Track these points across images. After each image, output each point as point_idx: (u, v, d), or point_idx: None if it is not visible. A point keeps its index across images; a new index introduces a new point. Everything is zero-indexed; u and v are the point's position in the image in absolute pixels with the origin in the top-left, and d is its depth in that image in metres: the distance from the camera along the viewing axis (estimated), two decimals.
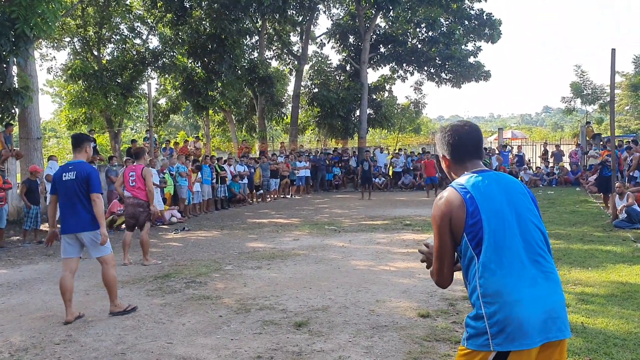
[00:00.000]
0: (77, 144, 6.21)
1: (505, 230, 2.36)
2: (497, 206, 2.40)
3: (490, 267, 2.31)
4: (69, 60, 23.92)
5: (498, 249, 2.32)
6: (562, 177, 23.67)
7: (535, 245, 2.40)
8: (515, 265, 2.31)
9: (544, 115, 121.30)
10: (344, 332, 5.25)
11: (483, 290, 2.31)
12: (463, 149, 2.64)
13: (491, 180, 2.50)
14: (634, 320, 5.30)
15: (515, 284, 2.28)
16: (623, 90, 37.93)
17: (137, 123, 45.77)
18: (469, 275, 2.40)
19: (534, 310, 2.26)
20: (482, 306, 2.31)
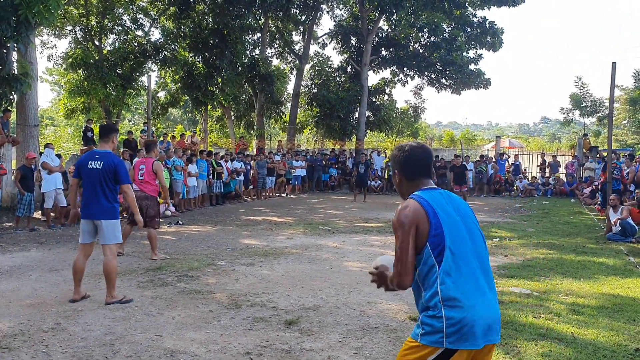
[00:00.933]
0: (104, 134, 6.44)
1: (462, 242, 2.67)
2: (454, 220, 2.71)
3: (451, 275, 2.59)
4: (70, 49, 23.81)
5: (457, 259, 2.62)
6: (558, 187, 23.72)
7: (484, 257, 2.79)
8: (471, 274, 2.64)
9: (541, 125, 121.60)
10: (334, 332, 5.24)
11: (444, 295, 2.57)
12: (417, 168, 2.89)
13: (444, 197, 2.81)
14: (623, 332, 5.31)
15: (472, 291, 2.60)
16: (622, 104, 38.07)
17: (136, 115, 45.72)
18: (429, 280, 2.65)
19: (484, 316, 2.59)
20: (442, 309, 2.55)
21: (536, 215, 16.10)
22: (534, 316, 5.74)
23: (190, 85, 24.73)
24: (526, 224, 14.12)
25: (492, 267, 7.57)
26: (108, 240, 6.18)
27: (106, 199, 6.13)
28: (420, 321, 2.66)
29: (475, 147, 39.48)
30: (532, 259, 9.15)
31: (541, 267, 8.43)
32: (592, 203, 18.47)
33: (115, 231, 6.24)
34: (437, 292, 2.58)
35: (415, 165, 2.88)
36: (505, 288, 7.01)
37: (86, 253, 6.30)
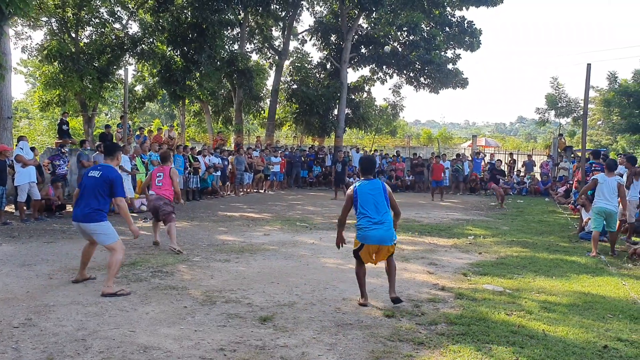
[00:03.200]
0: (109, 153, 6.94)
1: (367, 203, 6.03)
2: (366, 194, 6.06)
3: (361, 214, 6.04)
4: (45, 41, 23.39)
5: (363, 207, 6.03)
6: (532, 186, 24.07)
7: (381, 208, 6.03)
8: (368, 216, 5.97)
9: (518, 125, 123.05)
10: (309, 328, 5.25)
11: (358, 223, 6.02)
12: (366, 169, 6.41)
13: (369, 183, 6.16)
14: (593, 330, 5.41)
15: (368, 224, 5.96)
16: (596, 105, 38.67)
17: (112, 108, 45.12)
18: (358, 216, 6.07)
19: (374, 235, 5.94)
20: (360, 227, 6.01)
21: (511, 214, 16.30)
22: (506, 313, 5.82)
23: (168, 79, 24.50)
24: (501, 222, 14.29)
25: (465, 264, 7.61)
26: (103, 242, 6.51)
27: (93, 205, 6.43)
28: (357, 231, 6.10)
29: (452, 145, 39.79)
30: (505, 256, 9.27)
31: (514, 265, 8.54)
32: (566, 202, 18.76)
33: (107, 232, 6.50)
34: (358, 223, 6.06)
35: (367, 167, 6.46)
36: (478, 285, 7.09)
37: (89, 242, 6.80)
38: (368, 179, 6.19)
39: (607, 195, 10.04)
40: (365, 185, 6.09)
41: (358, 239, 6.04)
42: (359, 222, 6.01)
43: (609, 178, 10.13)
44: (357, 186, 6.12)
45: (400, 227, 12.45)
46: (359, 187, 6.10)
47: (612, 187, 10.05)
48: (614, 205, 10.06)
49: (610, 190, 10.05)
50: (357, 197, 6.03)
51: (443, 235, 11.58)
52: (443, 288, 6.93)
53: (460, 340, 4.99)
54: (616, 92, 33.01)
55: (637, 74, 32.97)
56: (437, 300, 6.34)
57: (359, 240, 6.02)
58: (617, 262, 9.17)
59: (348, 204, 6.15)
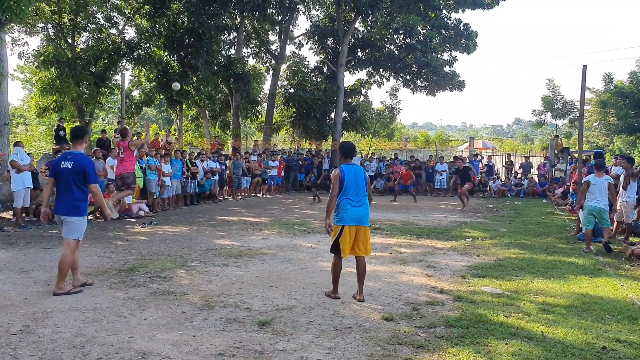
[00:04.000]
0: (77, 136, 6.85)
1: (350, 185, 6.34)
2: (351, 178, 6.36)
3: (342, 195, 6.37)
4: (42, 47, 23.40)
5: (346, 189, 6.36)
6: (530, 188, 24.08)
7: (360, 192, 6.39)
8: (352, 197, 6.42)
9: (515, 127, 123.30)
10: (308, 332, 5.25)
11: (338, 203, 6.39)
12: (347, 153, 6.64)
13: (352, 167, 6.47)
14: (591, 331, 5.41)
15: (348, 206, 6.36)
16: (593, 106, 38.79)
17: (109, 114, 45.10)
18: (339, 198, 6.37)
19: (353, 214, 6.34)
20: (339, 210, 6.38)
21: (509, 216, 16.31)
22: (504, 315, 5.82)
23: (165, 84, 24.49)
24: (499, 224, 14.30)
25: (464, 267, 7.62)
26: (68, 234, 6.61)
27: (74, 197, 6.55)
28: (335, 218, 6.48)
29: (450, 148, 39.83)
30: (504, 258, 9.27)
31: (513, 266, 8.55)
32: (564, 203, 18.78)
33: (78, 228, 6.64)
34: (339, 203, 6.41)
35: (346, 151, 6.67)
36: (477, 288, 7.09)
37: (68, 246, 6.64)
38: (350, 163, 6.53)
39: (597, 194, 10.38)
40: (350, 169, 6.42)
41: (337, 223, 6.38)
42: (339, 202, 6.37)
43: (599, 178, 10.46)
44: (343, 167, 6.42)
45: (399, 230, 12.49)
46: (345, 168, 6.41)
47: (602, 187, 10.40)
48: (604, 204, 10.39)
49: (601, 190, 10.39)
50: (344, 178, 6.33)
51: (441, 238, 11.58)
52: (442, 291, 6.93)
53: (459, 342, 4.99)
54: (612, 94, 33.09)
55: (632, 75, 33.05)
56: (435, 303, 6.34)
57: (338, 224, 6.35)
58: (615, 263, 9.18)
59: (337, 184, 6.34)
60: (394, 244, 10.67)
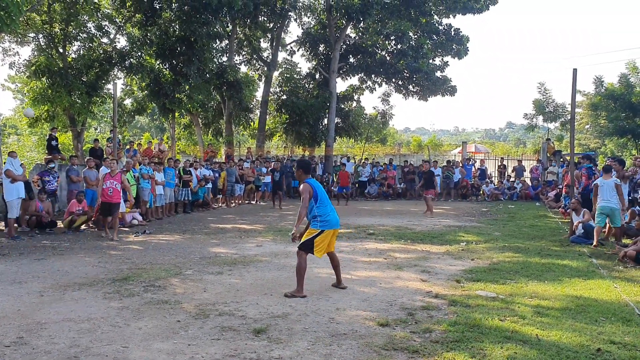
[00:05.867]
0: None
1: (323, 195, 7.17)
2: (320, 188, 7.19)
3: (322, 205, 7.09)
4: (33, 56, 23.30)
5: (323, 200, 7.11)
6: (523, 191, 24.17)
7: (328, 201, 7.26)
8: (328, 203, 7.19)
9: (507, 130, 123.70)
10: (303, 339, 5.24)
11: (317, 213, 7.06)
12: (307, 169, 7.45)
13: (314, 181, 7.25)
14: (586, 333, 5.43)
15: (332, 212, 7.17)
16: (584, 109, 38.99)
17: (102, 123, 44.95)
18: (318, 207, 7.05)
19: (336, 219, 7.16)
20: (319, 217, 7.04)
21: (502, 219, 16.37)
22: (499, 319, 5.84)
23: (157, 92, 24.44)
24: (492, 227, 14.34)
25: (458, 271, 7.63)
26: None
27: None
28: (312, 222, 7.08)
29: (442, 152, 39.89)
30: (498, 262, 9.30)
31: (507, 270, 8.57)
32: (557, 206, 18.85)
33: None
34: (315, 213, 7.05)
35: (308, 168, 7.52)
36: (471, 292, 7.11)
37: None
38: (311, 177, 7.37)
39: (606, 195, 11.28)
40: (315, 182, 7.24)
41: (323, 227, 6.98)
42: (318, 211, 7.02)
43: (607, 180, 11.38)
44: (311, 181, 7.18)
45: (393, 235, 12.52)
46: (312, 182, 7.18)
47: (610, 188, 11.31)
48: (614, 203, 11.23)
49: (609, 191, 11.28)
50: (317, 191, 7.06)
51: (435, 243, 11.60)
52: (436, 295, 6.94)
53: (454, 347, 5.00)
54: (603, 96, 33.29)
55: (622, 77, 33.28)
56: (430, 307, 6.35)
57: (317, 228, 6.97)
58: (608, 265, 9.22)
59: (308, 196, 6.99)
60: (388, 249, 10.68)
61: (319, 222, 7.00)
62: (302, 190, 7.07)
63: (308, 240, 6.98)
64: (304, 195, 6.98)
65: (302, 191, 7.04)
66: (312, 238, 6.94)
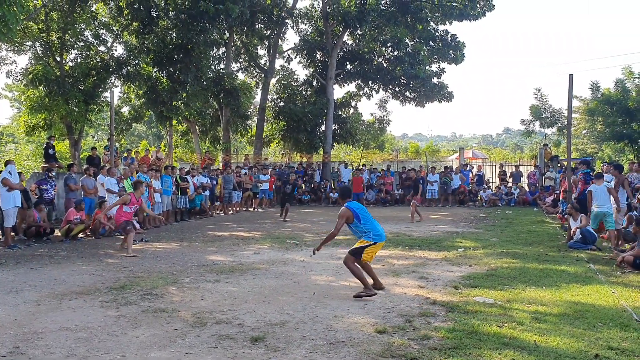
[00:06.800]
0: None
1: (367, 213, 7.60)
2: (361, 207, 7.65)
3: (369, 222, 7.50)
4: (30, 65, 23.34)
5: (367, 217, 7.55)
6: (521, 197, 24.18)
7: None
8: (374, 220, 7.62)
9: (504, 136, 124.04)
10: (301, 347, 5.22)
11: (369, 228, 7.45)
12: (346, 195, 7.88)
13: (356, 203, 7.68)
14: (584, 339, 5.43)
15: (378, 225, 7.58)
16: (580, 114, 39.06)
17: (99, 131, 44.95)
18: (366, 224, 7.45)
19: (384, 233, 7.57)
20: (371, 233, 7.41)
21: (500, 225, 16.37)
22: (497, 325, 5.83)
23: (154, 100, 24.48)
24: (490, 233, 14.34)
25: (456, 277, 7.63)
26: None
27: None
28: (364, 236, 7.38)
29: (440, 158, 39.98)
30: (496, 268, 9.29)
31: (505, 276, 8.57)
32: (554, 212, 18.86)
33: None
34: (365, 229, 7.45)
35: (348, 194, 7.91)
36: (469, 298, 7.10)
37: None
38: (350, 201, 7.68)
39: (599, 200, 11.68)
40: (355, 204, 7.60)
41: (370, 240, 7.35)
42: (367, 228, 7.41)
43: (599, 186, 11.81)
44: (350, 206, 7.49)
45: (391, 242, 12.49)
46: (351, 204, 7.53)
47: (603, 193, 11.74)
48: (607, 207, 11.66)
49: (602, 195, 11.70)
50: (357, 212, 7.42)
51: (433, 249, 11.59)
52: (434, 302, 6.93)
53: (452, 354, 4.98)
54: (599, 102, 33.39)
55: (618, 82, 33.39)
56: (428, 314, 6.34)
57: (371, 240, 7.35)
58: (606, 270, 9.22)
59: (342, 221, 7.42)
60: (386, 255, 10.67)
61: (372, 235, 7.37)
62: (340, 215, 7.43)
63: (359, 247, 7.35)
64: (340, 221, 7.40)
65: (340, 215, 7.42)
66: (364, 247, 7.33)
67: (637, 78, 33.07)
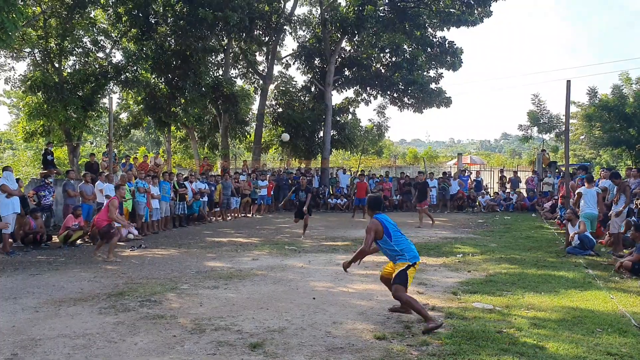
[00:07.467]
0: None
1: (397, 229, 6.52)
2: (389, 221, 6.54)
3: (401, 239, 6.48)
4: (29, 71, 23.35)
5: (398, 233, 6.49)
6: (519, 202, 24.20)
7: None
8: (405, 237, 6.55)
9: (502, 142, 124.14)
10: (299, 353, 5.22)
11: (404, 247, 6.39)
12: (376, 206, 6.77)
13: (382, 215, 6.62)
14: (583, 344, 5.43)
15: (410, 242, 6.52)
16: (578, 120, 39.11)
17: (97, 137, 45.00)
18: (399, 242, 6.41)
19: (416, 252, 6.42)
20: (405, 253, 6.34)
21: (498, 231, 16.37)
22: (496, 331, 5.82)
23: (153, 106, 24.51)
24: (489, 239, 14.34)
25: (455, 283, 7.62)
26: None
27: None
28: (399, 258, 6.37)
29: (438, 164, 40.02)
30: (494, 274, 9.29)
31: (503, 282, 8.57)
32: (553, 217, 18.88)
33: None
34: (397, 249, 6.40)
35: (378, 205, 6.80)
36: (468, 304, 7.10)
37: None
38: (378, 213, 6.66)
39: (589, 203, 12.27)
40: (384, 217, 6.58)
41: (405, 261, 6.30)
42: (399, 247, 6.37)
43: (590, 189, 12.38)
44: (380, 218, 6.51)
45: None
46: (381, 217, 6.54)
47: (592, 196, 12.32)
48: (596, 210, 12.34)
49: (592, 199, 12.30)
50: (388, 227, 6.42)
51: (432, 255, 11.59)
52: (433, 308, 6.93)
53: None
54: (597, 107, 33.44)
55: (615, 88, 33.46)
56: None
57: (408, 261, 6.29)
58: (605, 275, 9.23)
59: (372, 235, 6.41)
60: (385, 261, 10.62)
61: (407, 256, 6.33)
62: (368, 229, 6.49)
63: (402, 272, 6.26)
64: (369, 235, 6.43)
65: (368, 229, 6.48)
66: (405, 270, 6.25)
67: (634, 84, 33.13)
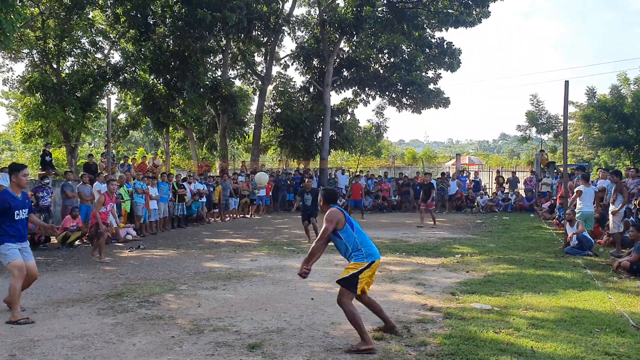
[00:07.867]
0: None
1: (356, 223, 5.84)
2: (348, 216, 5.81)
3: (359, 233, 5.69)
4: (27, 72, 23.33)
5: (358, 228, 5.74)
6: (517, 203, 24.22)
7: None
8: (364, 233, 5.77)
9: (501, 142, 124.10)
10: (298, 354, 5.22)
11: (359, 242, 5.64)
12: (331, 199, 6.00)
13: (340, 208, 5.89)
14: (581, 345, 5.43)
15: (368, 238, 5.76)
16: (577, 120, 39.12)
17: (96, 138, 44.95)
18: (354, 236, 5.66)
19: (377, 249, 5.68)
20: (363, 249, 5.60)
21: (497, 231, 16.38)
22: (494, 331, 5.83)
23: (151, 107, 24.50)
24: (487, 239, 14.36)
25: (453, 283, 7.60)
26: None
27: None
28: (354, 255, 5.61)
29: (436, 164, 40.03)
30: (492, 274, 9.30)
31: (502, 282, 8.57)
32: (551, 218, 18.90)
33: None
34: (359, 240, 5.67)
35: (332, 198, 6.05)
36: (466, 304, 7.10)
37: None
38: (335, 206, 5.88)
39: (587, 201, 12.53)
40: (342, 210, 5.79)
41: (363, 260, 5.51)
42: (360, 240, 5.60)
43: (587, 188, 12.67)
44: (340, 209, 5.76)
45: (388, 248, 12.50)
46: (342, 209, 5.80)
47: (590, 195, 12.62)
48: (592, 209, 12.68)
49: (589, 197, 12.59)
50: (349, 217, 5.72)
51: (430, 255, 11.60)
52: (431, 308, 6.93)
53: None
54: (595, 108, 33.47)
55: (613, 89, 33.50)
56: (425, 320, 6.34)
57: (365, 261, 5.50)
58: (603, 275, 9.24)
59: (332, 226, 5.58)
60: (383, 262, 10.63)
61: (364, 254, 5.55)
62: (329, 217, 5.61)
63: (352, 274, 5.50)
64: (330, 224, 5.56)
65: (330, 218, 5.60)
66: (358, 273, 5.48)
67: (632, 84, 33.16)
